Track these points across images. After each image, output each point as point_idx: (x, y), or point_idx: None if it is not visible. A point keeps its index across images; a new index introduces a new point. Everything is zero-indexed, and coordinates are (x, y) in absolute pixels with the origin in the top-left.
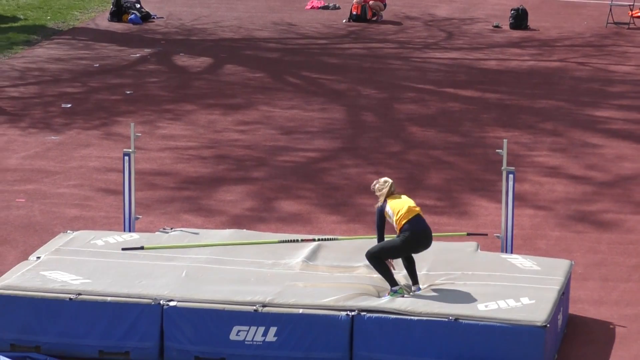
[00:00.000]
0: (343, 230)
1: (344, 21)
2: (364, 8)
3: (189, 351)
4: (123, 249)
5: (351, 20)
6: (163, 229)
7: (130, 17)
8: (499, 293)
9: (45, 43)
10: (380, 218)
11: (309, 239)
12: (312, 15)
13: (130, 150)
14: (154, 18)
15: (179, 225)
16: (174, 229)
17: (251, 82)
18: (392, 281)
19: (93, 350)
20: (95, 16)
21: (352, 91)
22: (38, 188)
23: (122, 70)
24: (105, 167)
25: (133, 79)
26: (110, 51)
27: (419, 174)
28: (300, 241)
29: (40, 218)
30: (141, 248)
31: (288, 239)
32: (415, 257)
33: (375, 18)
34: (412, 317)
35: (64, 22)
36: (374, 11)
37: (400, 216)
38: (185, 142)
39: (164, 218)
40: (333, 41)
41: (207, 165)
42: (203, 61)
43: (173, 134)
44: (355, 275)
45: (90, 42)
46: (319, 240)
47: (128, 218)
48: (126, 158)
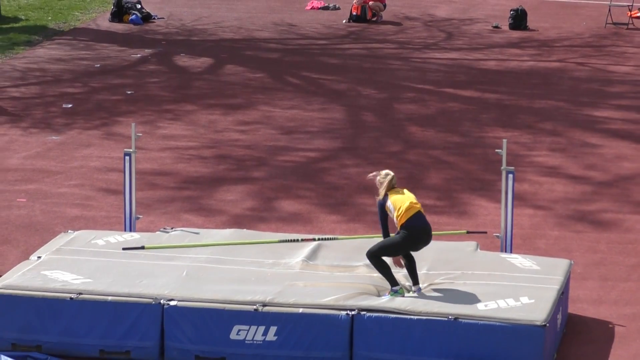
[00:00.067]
0: (343, 229)
1: (344, 22)
2: (364, 8)
3: (190, 350)
4: (124, 249)
5: (351, 20)
6: (164, 229)
7: (131, 18)
8: (499, 292)
9: (46, 43)
10: (382, 212)
11: (309, 239)
12: (312, 15)
13: (131, 150)
14: (155, 18)
15: (180, 225)
16: (175, 229)
17: (251, 82)
18: (393, 281)
19: (94, 349)
20: (96, 17)
21: (352, 91)
22: (39, 188)
23: (123, 70)
24: (106, 167)
25: (134, 79)
26: (111, 51)
27: (419, 174)
28: (300, 241)
29: (41, 218)
30: (142, 248)
31: (288, 239)
32: (415, 257)
33: (375, 18)
34: (412, 317)
35: (65, 23)
36: (374, 12)
37: (400, 213)
38: (185, 142)
39: (165, 218)
40: (333, 41)
41: (208, 165)
42: (203, 61)
43: (173, 134)
44: (355, 274)
45: (91, 43)
46: (319, 239)
47: (129, 218)
48: (127, 158)
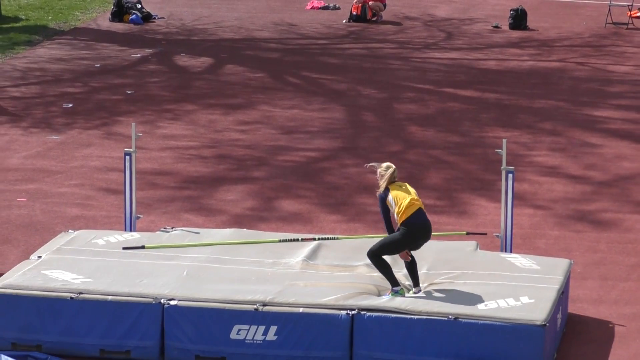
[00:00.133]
0: (343, 229)
1: (344, 21)
2: (364, 8)
3: (190, 350)
4: (124, 248)
5: (351, 20)
6: (164, 229)
7: (131, 18)
8: (499, 292)
9: (46, 43)
10: (383, 205)
11: (309, 238)
12: (312, 15)
13: (131, 149)
14: (155, 18)
15: (180, 224)
16: (175, 228)
17: (252, 82)
18: (394, 281)
19: (94, 349)
20: (96, 16)
21: (352, 91)
22: (39, 187)
23: (123, 70)
24: (106, 167)
25: (134, 79)
26: (111, 51)
27: (419, 174)
28: (300, 240)
29: (41, 217)
30: (142, 247)
31: (288, 238)
32: (414, 256)
33: (375, 18)
34: (412, 316)
35: (66, 23)
36: (374, 11)
37: (401, 210)
38: (186, 142)
39: (165, 217)
40: (333, 41)
41: (208, 164)
42: (204, 61)
43: (174, 134)
44: (355, 274)
45: (91, 42)
46: (319, 239)
47: (129, 217)
48: (127, 158)
